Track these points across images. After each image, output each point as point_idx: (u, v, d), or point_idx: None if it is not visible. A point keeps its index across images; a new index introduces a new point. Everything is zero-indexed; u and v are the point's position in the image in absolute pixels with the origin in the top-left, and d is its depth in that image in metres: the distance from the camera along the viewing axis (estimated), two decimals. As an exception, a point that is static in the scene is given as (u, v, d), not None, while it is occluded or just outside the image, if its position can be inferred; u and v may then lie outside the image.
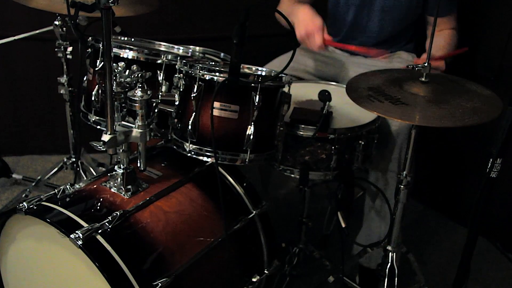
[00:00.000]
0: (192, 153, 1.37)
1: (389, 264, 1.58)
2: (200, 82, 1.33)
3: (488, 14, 2.09)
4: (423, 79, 1.37)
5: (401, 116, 1.24)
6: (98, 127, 1.50)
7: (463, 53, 1.72)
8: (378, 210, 1.80)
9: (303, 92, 1.72)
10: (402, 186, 1.50)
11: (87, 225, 1.16)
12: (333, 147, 1.49)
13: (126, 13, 1.80)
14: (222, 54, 1.64)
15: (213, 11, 2.57)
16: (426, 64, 1.36)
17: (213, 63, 1.56)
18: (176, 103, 1.39)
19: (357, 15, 1.89)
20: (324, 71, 1.99)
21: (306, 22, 1.70)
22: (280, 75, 1.34)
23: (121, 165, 1.33)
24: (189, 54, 1.59)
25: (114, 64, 1.27)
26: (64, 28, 1.92)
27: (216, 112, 1.31)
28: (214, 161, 1.34)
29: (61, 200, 1.27)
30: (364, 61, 1.95)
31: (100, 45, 1.45)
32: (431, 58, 1.66)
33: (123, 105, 1.30)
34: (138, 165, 1.35)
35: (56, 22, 1.90)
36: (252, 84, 1.31)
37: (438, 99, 1.32)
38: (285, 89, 1.42)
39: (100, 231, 1.17)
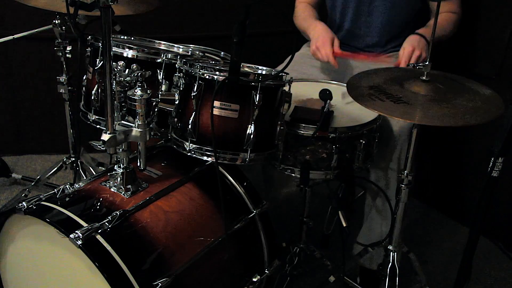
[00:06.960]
0: (192, 152, 1.36)
1: (390, 263, 1.58)
2: (200, 81, 1.32)
3: (489, 12, 2.08)
4: (424, 77, 1.37)
5: (402, 114, 1.24)
6: (98, 126, 1.49)
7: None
8: (379, 209, 1.79)
9: (304, 91, 1.72)
10: (403, 185, 1.50)
11: (87, 225, 1.16)
12: (334, 146, 1.49)
13: (126, 12, 1.80)
14: (222, 53, 1.63)
15: (213, 9, 2.57)
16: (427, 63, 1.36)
17: (213, 62, 1.56)
18: (176, 102, 1.39)
19: (358, 9, 1.91)
20: (328, 78, 1.98)
21: (317, 36, 1.84)
22: (280, 74, 1.33)
23: (121, 165, 1.32)
24: (189, 53, 1.59)
25: (113, 63, 1.27)
26: (64, 27, 1.91)
27: (216, 111, 1.31)
28: (214, 160, 1.33)
29: (60, 199, 1.27)
30: (367, 63, 1.94)
31: (100, 44, 1.45)
32: (397, 64, 1.71)
33: (122, 104, 1.30)
34: (138, 164, 1.34)
35: (56, 21, 1.89)
36: (253, 83, 1.31)
37: (439, 98, 1.31)
38: (286, 88, 1.41)
39: (100, 231, 1.16)
